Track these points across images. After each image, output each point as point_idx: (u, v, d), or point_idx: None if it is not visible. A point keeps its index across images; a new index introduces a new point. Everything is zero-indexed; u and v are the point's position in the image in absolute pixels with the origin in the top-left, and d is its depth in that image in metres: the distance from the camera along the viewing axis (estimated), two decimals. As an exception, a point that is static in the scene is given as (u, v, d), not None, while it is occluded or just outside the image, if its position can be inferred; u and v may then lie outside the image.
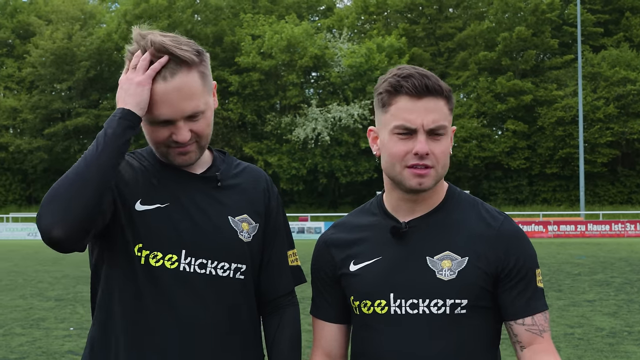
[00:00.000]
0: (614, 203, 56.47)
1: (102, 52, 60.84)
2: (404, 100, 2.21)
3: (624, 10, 61.56)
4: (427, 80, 2.20)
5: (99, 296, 2.39)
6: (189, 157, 2.32)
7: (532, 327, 2.24)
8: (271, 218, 2.50)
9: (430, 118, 2.19)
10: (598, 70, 56.54)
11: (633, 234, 41.98)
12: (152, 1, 58.82)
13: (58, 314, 12.25)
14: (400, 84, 2.21)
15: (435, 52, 62.75)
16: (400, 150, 2.21)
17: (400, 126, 2.21)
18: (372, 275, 2.28)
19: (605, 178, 57.78)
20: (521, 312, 2.24)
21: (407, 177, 2.22)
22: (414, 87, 2.19)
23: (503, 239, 2.26)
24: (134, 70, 2.27)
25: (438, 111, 2.21)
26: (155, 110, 2.24)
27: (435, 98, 2.21)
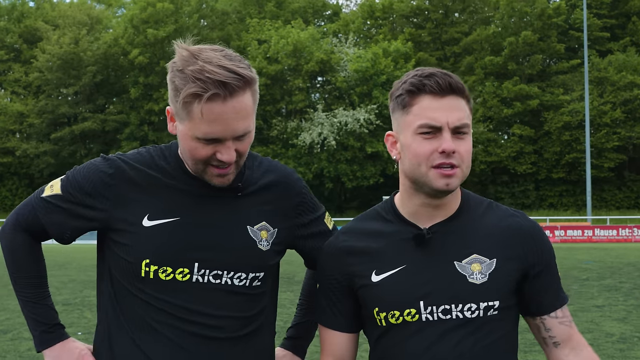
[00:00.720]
0: (620, 208, 56.30)
1: (109, 56, 60.98)
2: (427, 99, 2.18)
3: (631, 14, 61.45)
4: (450, 78, 2.18)
5: (103, 308, 2.37)
6: (227, 179, 2.26)
7: (564, 319, 2.28)
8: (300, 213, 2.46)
9: (455, 116, 2.17)
10: (605, 75, 56.42)
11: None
12: (158, 6, 58.91)
13: (66, 318, 12.21)
14: (423, 82, 2.18)
15: (442, 56, 62.71)
16: (426, 150, 2.17)
17: (425, 125, 2.17)
18: (398, 285, 2.23)
19: (612, 183, 57.64)
20: (554, 304, 2.28)
21: (434, 178, 2.18)
22: (438, 85, 2.16)
23: (525, 235, 2.27)
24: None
25: (461, 110, 2.19)
26: (207, 128, 2.14)
27: (458, 97, 2.19)
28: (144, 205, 2.28)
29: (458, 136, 2.18)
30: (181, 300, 2.24)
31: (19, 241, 2.38)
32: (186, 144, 2.21)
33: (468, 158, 2.20)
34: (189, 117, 2.15)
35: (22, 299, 2.38)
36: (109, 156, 2.38)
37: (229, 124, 2.15)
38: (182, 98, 2.13)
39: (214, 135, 2.15)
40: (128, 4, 69.30)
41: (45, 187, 2.39)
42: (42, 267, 2.40)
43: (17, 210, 2.41)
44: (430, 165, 2.18)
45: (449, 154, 2.16)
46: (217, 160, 2.20)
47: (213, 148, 2.18)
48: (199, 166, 2.23)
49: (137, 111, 60.42)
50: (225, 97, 2.12)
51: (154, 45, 59.45)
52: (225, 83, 2.11)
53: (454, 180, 2.18)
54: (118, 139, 60.08)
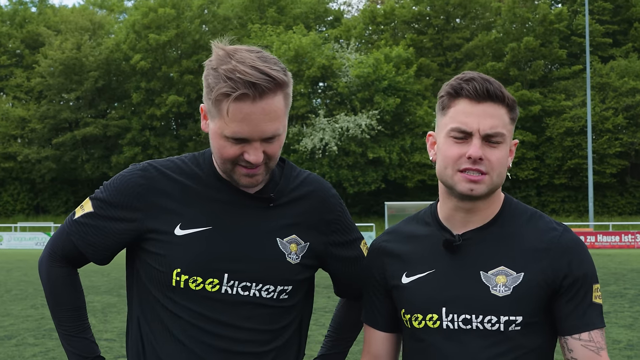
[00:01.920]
0: (622, 214, 56.26)
1: (111, 62, 61.03)
2: (463, 103, 2.17)
3: (633, 20, 61.49)
4: (489, 84, 2.15)
5: (133, 313, 2.36)
6: (256, 180, 2.23)
7: (589, 343, 2.16)
8: (333, 230, 2.41)
9: (488, 123, 2.14)
10: (607, 81, 56.42)
11: (643, 245, 41.72)
12: (160, 11, 58.98)
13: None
14: (462, 86, 2.17)
15: (443, 62, 62.74)
16: (454, 153, 2.16)
17: (456, 129, 2.16)
18: (425, 288, 2.22)
19: (614, 189, 57.60)
20: (578, 326, 2.17)
21: (458, 181, 2.16)
22: (475, 90, 2.15)
23: (561, 251, 2.18)
24: None
25: (497, 118, 2.16)
26: (235, 127, 2.14)
27: (496, 104, 2.16)
28: (176, 214, 2.26)
29: (490, 144, 2.15)
30: (209, 312, 2.22)
31: (56, 273, 2.37)
32: (215, 141, 2.21)
33: (499, 167, 2.16)
34: (219, 115, 2.16)
35: (61, 332, 2.36)
36: (140, 165, 2.36)
37: (257, 124, 2.14)
38: (214, 96, 2.15)
39: (241, 135, 2.15)
40: (130, 10, 69.46)
41: (76, 210, 2.38)
42: (80, 299, 2.39)
43: (52, 240, 2.40)
44: (457, 169, 2.16)
45: (476, 161, 2.13)
46: (245, 161, 2.18)
47: (241, 148, 2.17)
48: (227, 165, 2.22)
49: (139, 116, 60.45)
50: (254, 98, 2.11)
51: (155, 50, 59.51)
52: (255, 84, 2.10)
53: (480, 187, 2.15)
54: (120, 144, 60.09)
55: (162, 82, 59.98)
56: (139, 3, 65.99)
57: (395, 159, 55.30)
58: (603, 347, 2.18)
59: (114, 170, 59.13)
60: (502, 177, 2.19)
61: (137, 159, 58.54)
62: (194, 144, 59.22)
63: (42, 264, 2.40)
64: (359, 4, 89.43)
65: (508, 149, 2.21)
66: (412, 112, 57.05)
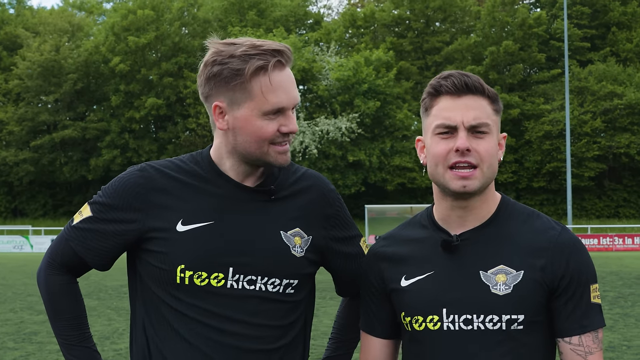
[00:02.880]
0: (601, 217, 56.66)
1: (90, 64, 60.67)
2: (444, 99, 2.19)
3: (610, 25, 62.02)
4: (467, 78, 2.17)
5: (137, 317, 2.34)
6: (288, 157, 2.28)
7: (578, 347, 2.15)
8: (333, 225, 2.41)
9: (471, 115, 2.15)
10: (585, 85, 56.84)
11: (621, 247, 42.05)
12: (139, 13, 58.72)
13: (50, 328, 12.06)
14: (440, 84, 2.19)
15: (423, 65, 62.94)
16: (442, 149, 2.16)
17: (441, 125, 2.17)
18: (424, 290, 2.21)
19: (592, 192, 58.00)
20: (569, 329, 2.16)
21: (450, 179, 2.16)
22: (454, 85, 2.17)
23: (560, 251, 2.17)
24: None
25: (479, 109, 2.17)
26: (275, 98, 2.19)
27: (476, 96, 2.18)
28: (177, 210, 2.25)
29: (476, 135, 2.16)
30: (216, 307, 2.20)
31: (55, 282, 2.33)
32: (251, 126, 2.21)
33: (489, 158, 2.16)
34: (251, 95, 2.19)
35: (61, 341, 2.32)
36: (139, 166, 2.35)
37: (290, 90, 2.22)
38: (249, 75, 2.16)
39: (280, 105, 2.20)
40: (109, 12, 69.06)
41: (75, 216, 2.36)
42: (80, 308, 2.35)
43: (50, 248, 2.36)
44: (447, 166, 2.16)
45: (464, 152, 2.14)
46: (281, 136, 2.22)
47: (277, 122, 2.21)
48: (264, 148, 2.22)
49: (118, 119, 60.12)
50: (283, 66, 2.21)
51: (135, 52, 59.24)
52: (281, 51, 2.20)
53: (472, 182, 2.15)
54: (99, 147, 59.71)
55: (141, 85, 59.69)
56: (118, 5, 65.76)
57: (375, 162, 55.37)
58: (593, 352, 2.15)
59: (92, 173, 58.78)
60: (493, 169, 2.19)
61: (116, 161, 58.25)
62: (173, 147, 58.99)
63: (40, 273, 2.36)
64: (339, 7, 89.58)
65: (495, 140, 2.21)
66: (392, 115, 57.14)
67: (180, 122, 59.68)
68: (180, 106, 60.21)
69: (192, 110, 58.72)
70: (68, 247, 2.31)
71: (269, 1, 64.78)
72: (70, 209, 60.92)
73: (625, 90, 55.99)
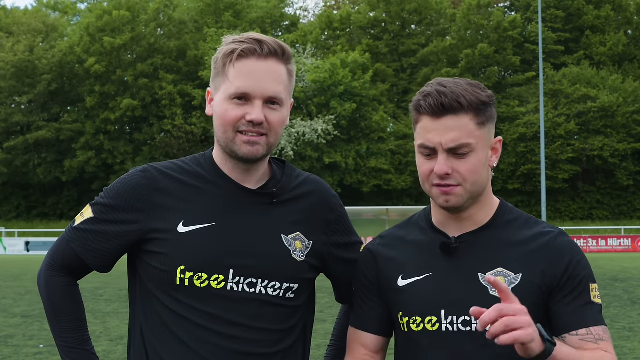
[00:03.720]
0: (574, 219, 57.12)
1: (64, 65, 60.20)
2: (424, 119, 2.19)
3: (584, 29, 62.57)
4: (444, 98, 2.14)
5: (136, 320, 2.33)
6: (256, 150, 2.23)
7: (587, 336, 2.15)
8: (334, 231, 2.42)
9: (450, 137, 2.14)
10: (559, 88, 57.31)
11: (595, 249, 42.44)
12: (115, 14, 58.35)
13: (26, 330, 11.98)
14: (420, 103, 2.19)
15: (399, 68, 63.13)
16: (425, 170, 2.20)
17: (422, 145, 2.19)
18: (423, 291, 2.22)
19: (566, 194, 58.46)
20: (575, 323, 2.16)
21: (435, 195, 2.21)
22: (431, 107, 2.16)
23: (558, 253, 2.20)
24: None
25: (458, 129, 2.15)
26: (239, 82, 2.19)
27: (456, 116, 2.15)
28: (179, 211, 2.25)
29: (457, 156, 2.16)
30: (215, 310, 2.20)
31: (55, 283, 2.32)
32: (219, 109, 2.24)
33: (472, 176, 2.17)
34: (225, 79, 2.22)
35: (60, 343, 2.31)
36: (142, 167, 2.35)
37: (260, 80, 2.20)
38: (221, 59, 2.21)
39: (245, 89, 2.19)
40: (84, 12, 68.53)
41: (76, 218, 2.35)
42: (80, 310, 2.34)
43: (51, 250, 2.36)
44: (432, 184, 2.20)
45: (442, 176, 2.16)
46: (246, 124, 2.20)
47: (243, 109, 2.20)
48: (229, 134, 2.22)
49: (93, 120, 59.68)
50: (259, 56, 2.20)
51: (110, 53, 58.86)
52: (261, 41, 2.20)
53: (453, 198, 2.18)
54: (73, 149, 59.24)
55: (116, 86, 59.33)
56: (93, 5, 65.32)
57: (351, 164, 55.45)
58: (605, 339, 2.16)
59: (66, 174, 58.31)
60: (478, 184, 2.20)
61: (91, 163, 57.85)
62: (149, 149, 58.69)
63: (41, 275, 2.35)
64: (315, 9, 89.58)
65: (481, 154, 2.19)
66: (368, 117, 57.27)
67: (155, 124, 59.38)
68: (155, 107, 59.92)
69: (167, 111, 58.47)
70: (69, 249, 2.31)
71: (245, 3, 64.66)
72: (44, 211, 60.42)
73: (598, 93, 56.51)
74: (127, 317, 13.19)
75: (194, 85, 59.02)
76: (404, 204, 56.16)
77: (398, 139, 58.36)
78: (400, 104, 62.56)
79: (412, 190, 57.84)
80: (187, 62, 60.47)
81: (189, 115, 58.82)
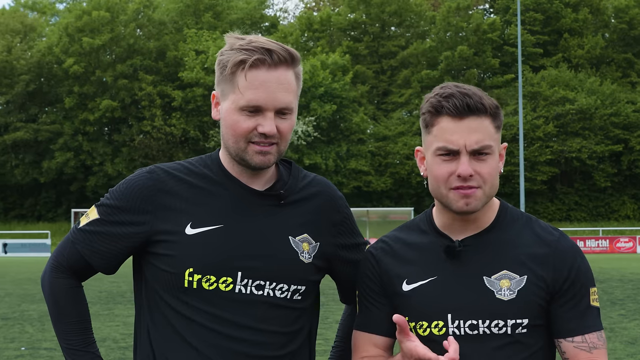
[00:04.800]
0: (552, 220, 57.47)
1: (43, 65, 59.77)
2: (445, 120, 2.17)
3: (563, 31, 63.02)
4: (469, 99, 2.15)
5: (142, 323, 2.31)
6: (268, 159, 2.22)
7: (582, 344, 2.18)
8: (340, 232, 2.41)
9: (474, 138, 2.14)
10: (538, 90, 57.68)
11: (573, 250, 42.64)
12: (94, 14, 57.99)
13: (7, 333, 11.88)
14: (442, 104, 2.17)
15: (379, 69, 63.26)
16: (444, 172, 2.17)
17: (443, 148, 2.16)
18: (428, 295, 2.22)
19: (545, 195, 58.82)
20: (571, 330, 2.19)
21: (453, 199, 2.18)
22: (455, 108, 2.14)
23: (559, 255, 2.22)
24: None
25: (482, 131, 2.16)
26: (251, 95, 2.17)
27: (479, 117, 2.16)
28: (186, 213, 2.23)
29: (478, 158, 2.16)
30: (223, 312, 2.19)
31: (60, 285, 2.30)
32: (229, 119, 2.22)
33: (491, 179, 2.18)
34: (234, 88, 2.18)
35: (65, 346, 2.28)
36: (148, 168, 2.33)
37: (272, 91, 2.17)
38: (230, 68, 2.17)
39: (256, 103, 2.17)
40: (63, 12, 68.11)
41: (81, 219, 2.32)
42: (85, 312, 2.32)
43: (55, 251, 2.33)
44: (449, 187, 2.18)
45: (466, 178, 2.14)
46: (258, 135, 2.18)
47: (255, 121, 2.18)
48: (241, 144, 2.20)
49: (72, 121, 59.28)
50: (270, 66, 2.17)
51: (89, 54, 58.52)
52: (271, 51, 2.16)
53: (473, 201, 2.17)
54: (51, 149, 58.79)
55: (95, 87, 58.97)
56: (72, 6, 64.87)
57: (331, 165, 55.48)
58: (598, 347, 2.19)
59: (45, 175, 57.86)
60: (494, 187, 2.21)
61: (69, 164, 57.45)
62: (128, 150, 58.38)
63: (45, 277, 2.32)
64: (295, 10, 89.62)
65: (497, 158, 2.22)
66: (348, 118, 57.35)
67: (135, 125, 59.08)
68: (135, 108, 59.63)
69: (147, 112, 58.22)
70: (74, 250, 2.28)
71: (225, 4, 64.55)
72: (21, 212, 59.95)
73: (576, 95, 56.94)
74: (107, 319, 13.15)
75: (173, 86, 58.79)
76: (384, 206, 56.30)
77: (378, 140, 58.48)
78: (380, 105, 62.72)
79: (392, 192, 57.97)
80: (166, 63, 60.23)
81: (169, 117, 58.58)
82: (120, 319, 13.39)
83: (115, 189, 2.31)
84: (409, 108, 60.93)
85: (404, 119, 59.85)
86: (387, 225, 48.53)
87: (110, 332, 11.60)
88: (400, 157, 56.76)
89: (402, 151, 56.11)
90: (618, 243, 46.40)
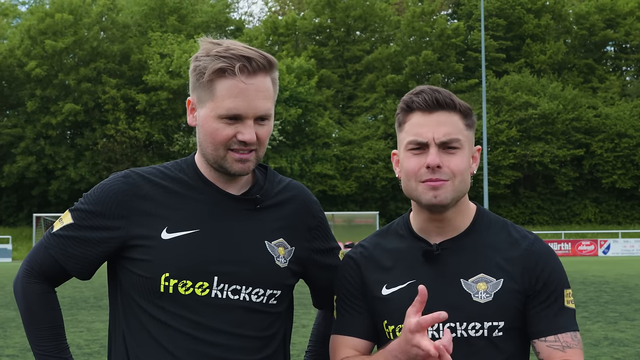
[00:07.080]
0: (516, 223, 57.92)
1: (4, 68, 58.96)
2: (416, 115, 2.23)
3: (525, 37, 63.75)
4: (438, 94, 2.21)
5: (117, 328, 2.29)
6: (247, 167, 2.22)
7: (555, 343, 2.21)
8: (315, 237, 2.42)
9: (442, 131, 2.20)
10: (501, 95, 58.25)
11: (536, 253, 43.08)
12: (57, 17, 57.38)
13: (-32, 340, 11.70)
14: (412, 100, 2.23)
15: (344, 74, 63.43)
16: (414, 165, 2.21)
17: (413, 141, 2.21)
18: (406, 299, 2.22)
19: (508, 199, 59.38)
20: (545, 330, 2.22)
21: (422, 191, 2.21)
22: (425, 102, 2.20)
23: (534, 258, 2.26)
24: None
25: (451, 125, 2.21)
26: (230, 103, 2.16)
27: (448, 112, 2.22)
28: (162, 218, 2.23)
29: (448, 151, 2.21)
30: (200, 317, 2.18)
31: (32, 291, 2.27)
32: (207, 127, 2.20)
33: (460, 172, 2.21)
34: (212, 95, 2.17)
35: (37, 352, 2.26)
36: (122, 172, 2.32)
37: (251, 99, 2.17)
38: (207, 76, 2.16)
39: (236, 112, 2.16)
40: (25, 14, 67.31)
41: (55, 224, 2.30)
42: (58, 318, 2.30)
43: (28, 257, 2.30)
44: (419, 181, 2.21)
45: (434, 169, 2.18)
46: (238, 143, 2.18)
47: (234, 128, 2.18)
48: (220, 152, 2.20)
49: (34, 125, 58.56)
50: (249, 73, 2.16)
51: (52, 57, 57.89)
52: (250, 58, 2.15)
53: (442, 193, 2.19)
54: (13, 153, 58.03)
55: (58, 90, 58.36)
56: (34, 8, 64.13)
57: (296, 169, 55.49)
58: (572, 346, 2.21)
59: (6, 180, 57.08)
60: (465, 183, 2.24)
61: (31, 168, 56.73)
62: (91, 154, 57.82)
63: (17, 282, 2.30)
64: (260, 14, 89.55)
65: (468, 154, 2.26)
66: (314, 122, 57.41)
67: (98, 129, 58.54)
68: (98, 112, 59.09)
69: (110, 116, 57.73)
70: (47, 255, 2.26)
71: (190, 7, 64.30)
72: (-18, 217, 59.11)
73: (539, 100, 57.61)
74: (70, 325, 12.99)
75: (137, 90, 58.38)
76: (349, 210, 56.40)
77: (343, 144, 58.60)
78: (345, 109, 62.86)
79: (357, 196, 58.11)
80: (130, 66, 59.81)
81: (133, 120, 58.15)
82: (84, 324, 13.23)
83: (90, 194, 2.29)
84: (374, 112, 61.17)
85: (369, 123, 60.05)
86: (352, 230, 48.65)
87: (74, 339, 11.46)
88: (366, 162, 56.94)
89: (367, 155, 56.30)
90: (580, 246, 46.98)
